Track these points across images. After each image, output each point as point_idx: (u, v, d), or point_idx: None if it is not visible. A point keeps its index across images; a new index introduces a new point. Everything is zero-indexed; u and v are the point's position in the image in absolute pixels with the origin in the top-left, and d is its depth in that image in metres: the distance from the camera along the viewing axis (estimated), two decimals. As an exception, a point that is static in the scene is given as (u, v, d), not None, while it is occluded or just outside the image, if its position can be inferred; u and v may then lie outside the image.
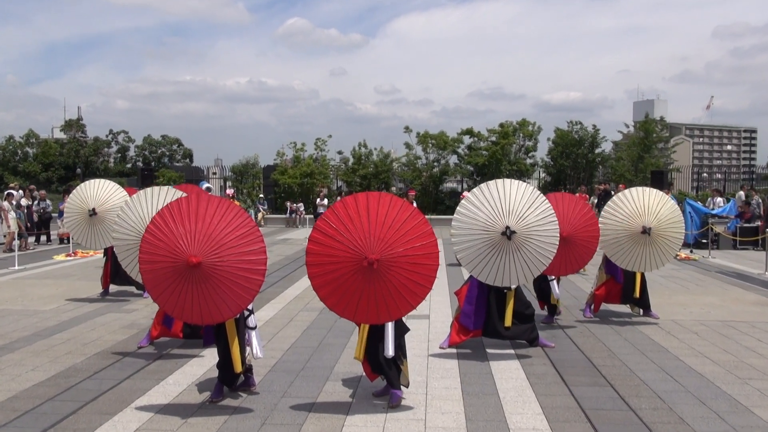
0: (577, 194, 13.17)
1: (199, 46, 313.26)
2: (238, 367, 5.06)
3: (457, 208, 6.33)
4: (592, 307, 8.33)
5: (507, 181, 6.32)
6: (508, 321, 6.55)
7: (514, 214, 6.03)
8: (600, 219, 7.69)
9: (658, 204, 7.66)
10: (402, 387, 5.13)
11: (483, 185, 6.33)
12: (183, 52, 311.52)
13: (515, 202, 6.09)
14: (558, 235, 6.21)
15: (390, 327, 4.98)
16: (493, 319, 6.57)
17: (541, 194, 6.27)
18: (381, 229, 4.73)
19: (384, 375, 5.11)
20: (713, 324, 7.97)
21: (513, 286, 6.43)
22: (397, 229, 4.75)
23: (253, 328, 5.29)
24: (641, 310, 8.37)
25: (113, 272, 9.67)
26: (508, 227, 5.94)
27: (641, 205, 7.64)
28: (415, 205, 7.28)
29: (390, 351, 4.95)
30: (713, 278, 11.96)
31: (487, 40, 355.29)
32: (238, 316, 5.03)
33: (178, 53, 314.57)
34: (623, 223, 7.59)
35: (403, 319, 5.15)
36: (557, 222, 6.22)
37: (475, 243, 6.10)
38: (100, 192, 9.29)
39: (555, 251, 6.19)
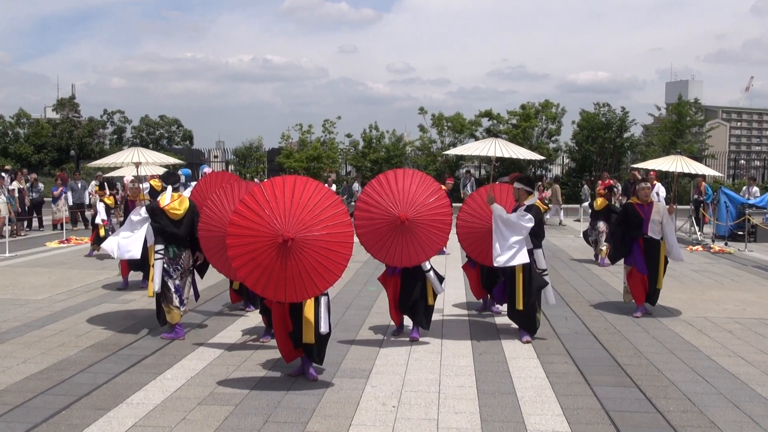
0: (601, 181, 13.06)
1: (201, 21, 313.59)
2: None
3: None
4: (637, 304, 8.26)
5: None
6: (519, 304, 6.81)
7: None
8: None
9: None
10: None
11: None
12: (183, 27, 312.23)
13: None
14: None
15: (323, 304, 5.49)
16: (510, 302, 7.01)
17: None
18: (302, 211, 5.23)
19: (310, 351, 5.62)
20: (748, 322, 7.92)
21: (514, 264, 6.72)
22: (317, 213, 5.26)
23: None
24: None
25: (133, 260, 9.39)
26: None
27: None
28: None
29: (323, 327, 5.49)
30: (749, 273, 11.89)
31: (510, 15, 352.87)
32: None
33: (177, 28, 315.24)
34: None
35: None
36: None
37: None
38: None
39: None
